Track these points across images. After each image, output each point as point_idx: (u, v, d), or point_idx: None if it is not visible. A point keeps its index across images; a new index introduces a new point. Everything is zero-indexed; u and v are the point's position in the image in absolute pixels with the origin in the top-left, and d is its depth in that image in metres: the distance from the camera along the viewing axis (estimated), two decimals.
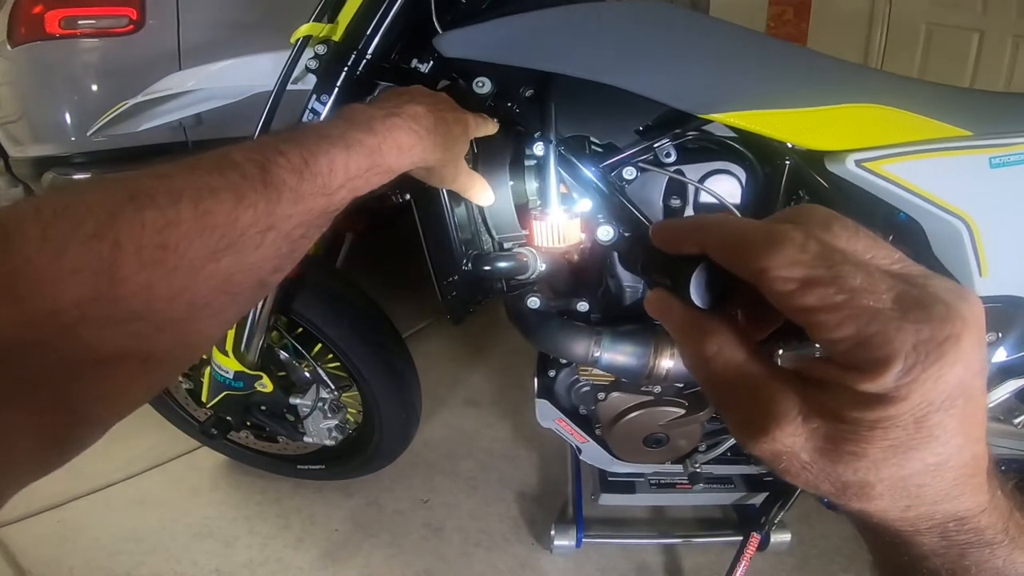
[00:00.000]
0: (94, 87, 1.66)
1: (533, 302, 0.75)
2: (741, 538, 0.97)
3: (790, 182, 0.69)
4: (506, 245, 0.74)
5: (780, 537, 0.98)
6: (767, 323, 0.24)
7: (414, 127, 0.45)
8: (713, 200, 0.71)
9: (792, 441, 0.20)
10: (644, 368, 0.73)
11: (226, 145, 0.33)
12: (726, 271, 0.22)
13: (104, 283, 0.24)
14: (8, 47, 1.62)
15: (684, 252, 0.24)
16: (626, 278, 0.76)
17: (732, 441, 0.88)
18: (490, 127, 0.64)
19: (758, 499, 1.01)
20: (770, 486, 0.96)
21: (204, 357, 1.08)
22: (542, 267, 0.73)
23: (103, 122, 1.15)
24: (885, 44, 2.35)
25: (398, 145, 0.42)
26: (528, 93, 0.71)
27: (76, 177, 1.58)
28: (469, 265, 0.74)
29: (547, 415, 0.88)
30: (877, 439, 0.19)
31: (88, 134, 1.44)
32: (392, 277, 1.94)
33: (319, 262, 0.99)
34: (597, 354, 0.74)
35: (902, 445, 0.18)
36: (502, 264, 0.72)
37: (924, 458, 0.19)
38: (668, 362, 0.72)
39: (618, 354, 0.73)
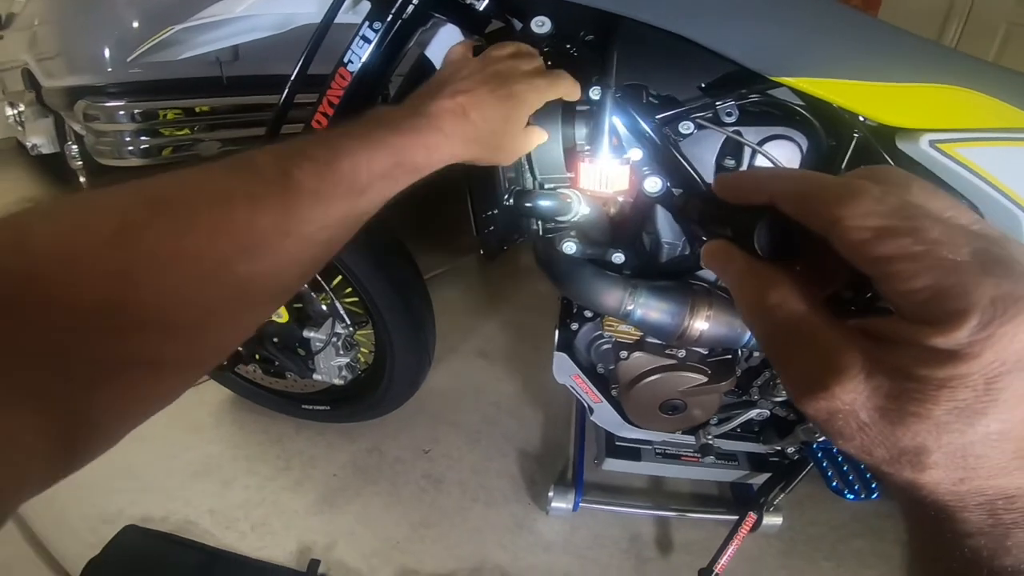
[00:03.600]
0: (135, 23, 1.55)
1: (569, 247, 0.68)
2: (734, 517, 0.90)
3: (855, 156, 0.62)
4: (547, 186, 0.67)
5: (772, 520, 0.91)
6: (828, 282, 0.22)
7: (440, 125, 0.41)
8: (770, 165, 0.64)
9: (852, 398, 0.18)
10: (678, 328, 0.65)
11: (253, 147, 0.31)
12: (792, 224, 0.20)
13: (117, 290, 0.22)
14: None
15: (751, 203, 0.22)
16: (666, 234, 0.69)
17: (744, 417, 0.81)
18: (569, 88, 0.54)
19: (756, 481, 0.95)
20: (774, 467, 0.90)
21: None
22: (585, 211, 0.65)
23: (145, 48, 1.05)
24: (959, 40, 2.14)
25: (424, 144, 0.40)
26: (589, 37, 0.64)
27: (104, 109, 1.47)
28: (511, 200, 0.66)
29: (564, 370, 0.80)
30: (944, 399, 0.16)
31: (129, 60, 1.34)
32: (410, 221, 1.85)
33: None
34: (630, 307, 0.66)
35: (968, 408, 0.16)
36: (544, 202, 0.64)
37: (988, 424, 0.16)
38: (703, 324, 0.65)
39: (652, 310, 0.66)
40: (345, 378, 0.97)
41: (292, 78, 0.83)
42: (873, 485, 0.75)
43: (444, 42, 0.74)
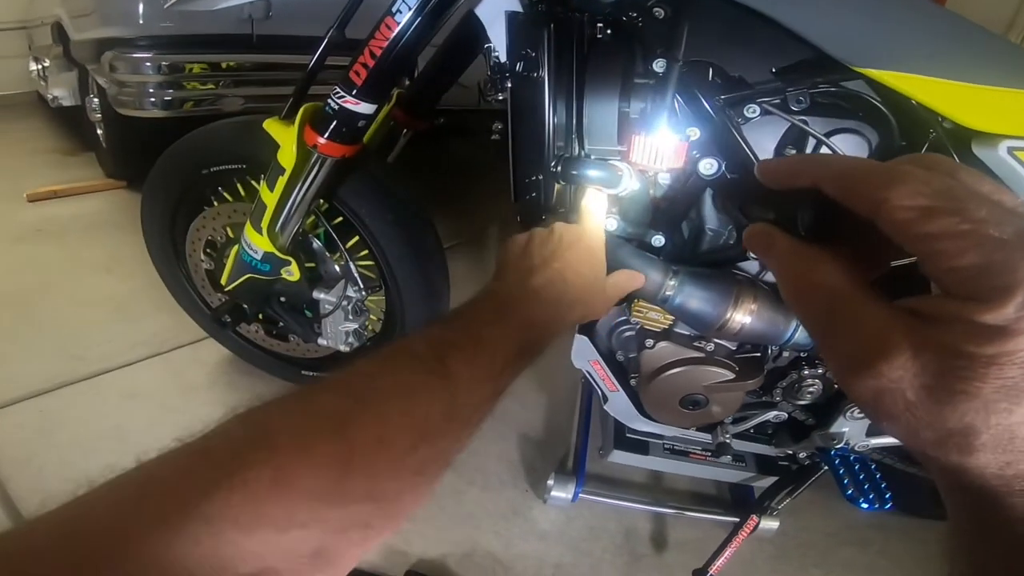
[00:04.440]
0: None
1: (610, 223, 0.59)
2: (731, 518, 0.83)
3: None
4: (593, 158, 0.58)
5: (769, 524, 0.83)
6: (872, 267, 0.20)
7: (548, 298, 0.42)
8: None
9: (899, 376, 0.16)
10: (718, 319, 0.57)
11: (407, 336, 0.35)
12: (835, 208, 0.19)
13: (340, 473, 0.26)
14: None
15: (793, 187, 0.21)
16: (711, 220, 0.61)
17: (761, 418, 0.73)
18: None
19: (755, 483, 0.87)
20: (782, 471, 0.82)
21: (231, 236, 0.88)
22: (635, 186, 0.57)
23: None
24: None
25: (541, 321, 0.41)
26: (656, 9, 0.55)
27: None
28: (558, 167, 0.57)
29: (583, 354, 0.71)
30: (992, 377, 0.15)
31: (165, 7, 1.22)
32: (432, 189, 1.73)
33: (371, 152, 0.80)
34: (670, 293, 0.58)
35: (1015, 387, 0.15)
36: (592, 172, 0.56)
37: None
38: (745, 317, 0.56)
39: (694, 297, 0.57)
40: (351, 345, 0.86)
41: (327, 37, 0.73)
42: (887, 496, 0.68)
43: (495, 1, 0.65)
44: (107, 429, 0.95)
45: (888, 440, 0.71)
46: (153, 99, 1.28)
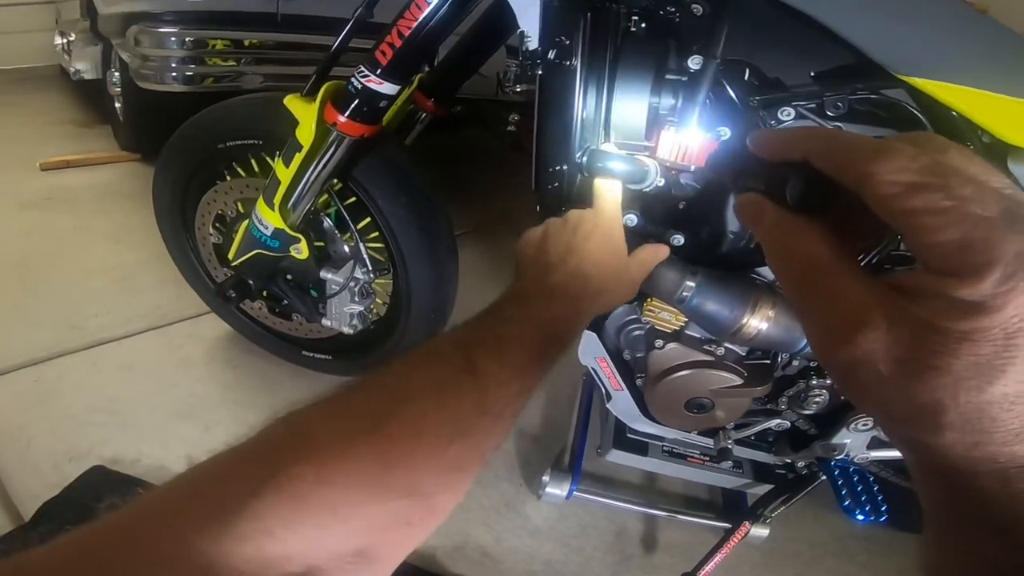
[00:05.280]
0: None
1: (630, 219, 0.56)
2: (723, 524, 0.79)
3: None
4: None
5: (759, 532, 0.80)
6: (858, 241, 0.20)
7: (570, 294, 0.41)
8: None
9: (874, 349, 0.16)
10: (734, 323, 0.54)
11: (433, 339, 0.34)
12: (824, 181, 0.19)
13: (380, 468, 0.26)
14: None
15: (785, 159, 0.20)
16: (732, 223, 0.57)
17: (763, 425, 0.70)
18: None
19: (748, 490, 0.83)
20: (778, 479, 0.78)
21: (241, 211, 0.84)
22: (660, 182, 0.53)
23: None
24: None
25: (564, 317, 0.39)
26: (695, 6, 0.52)
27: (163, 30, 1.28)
28: (584, 158, 0.54)
29: (590, 351, 0.67)
30: (964, 353, 0.14)
31: None
32: (445, 176, 1.68)
33: (390, 135, 0.76)
34: (687, 294, 0.54)
35: (987, 364, 0.14)
36: (618, 165, 0.52)
37: (1006, 384, 0.14)
38: (762, 323, 0.53)
39: (711, 300, 0.54)
40: (355, 327, 0.82)
41: (354, 17, 0.69)
42: (883, 508, 0.65)
43: None
44: (102, 401, 0.91)
45: (888, 453, 0.68)
46: (175, 74, 1.24)
